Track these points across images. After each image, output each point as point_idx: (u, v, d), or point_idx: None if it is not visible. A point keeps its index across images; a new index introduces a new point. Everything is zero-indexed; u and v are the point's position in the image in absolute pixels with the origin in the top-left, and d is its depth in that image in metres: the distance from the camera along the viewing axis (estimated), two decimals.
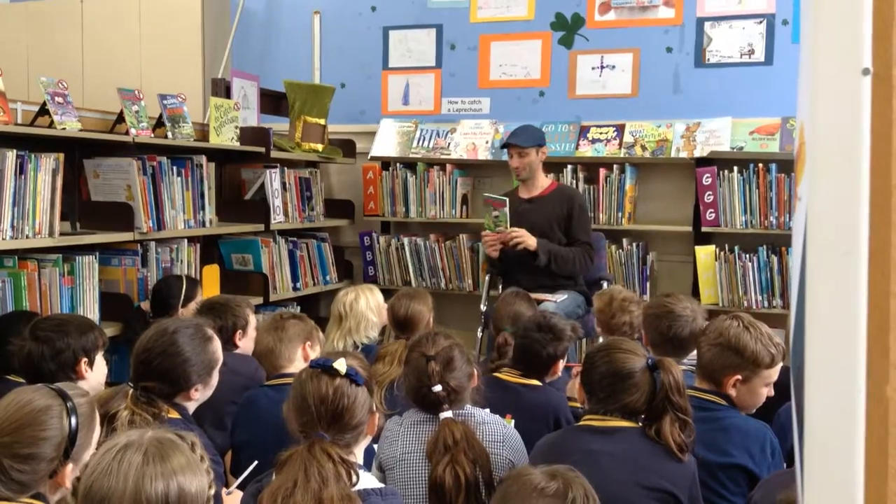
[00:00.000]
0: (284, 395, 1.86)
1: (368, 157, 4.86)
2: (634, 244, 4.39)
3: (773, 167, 4.07)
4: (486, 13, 4.80)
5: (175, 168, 3.65)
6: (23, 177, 2.86)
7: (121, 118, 3.49)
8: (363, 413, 1.77)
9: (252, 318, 3.01)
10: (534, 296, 3.57)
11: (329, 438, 1.69)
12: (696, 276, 4.19)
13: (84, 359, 2.35)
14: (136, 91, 3.55)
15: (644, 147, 4.37)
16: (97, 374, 2.40)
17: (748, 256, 4.11)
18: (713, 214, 4.17)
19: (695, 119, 4.34)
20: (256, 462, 2.13)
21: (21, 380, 2.37)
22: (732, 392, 2.24)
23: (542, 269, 3.88)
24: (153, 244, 3.56)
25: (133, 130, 3.45)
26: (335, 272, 4.88)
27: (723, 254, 4.15)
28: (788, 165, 4.04)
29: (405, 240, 4.73)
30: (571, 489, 1.48)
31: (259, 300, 4.05)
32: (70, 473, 1.64)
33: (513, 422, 2.33)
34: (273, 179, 4.32)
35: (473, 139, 4.71)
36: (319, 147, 4.72)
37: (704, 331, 2.37)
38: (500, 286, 4.09)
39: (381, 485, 1.81)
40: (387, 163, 4.85)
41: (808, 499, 0.82)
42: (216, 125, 3.96)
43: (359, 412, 1.75)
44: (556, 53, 4.69)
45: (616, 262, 4.36)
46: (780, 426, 2.30)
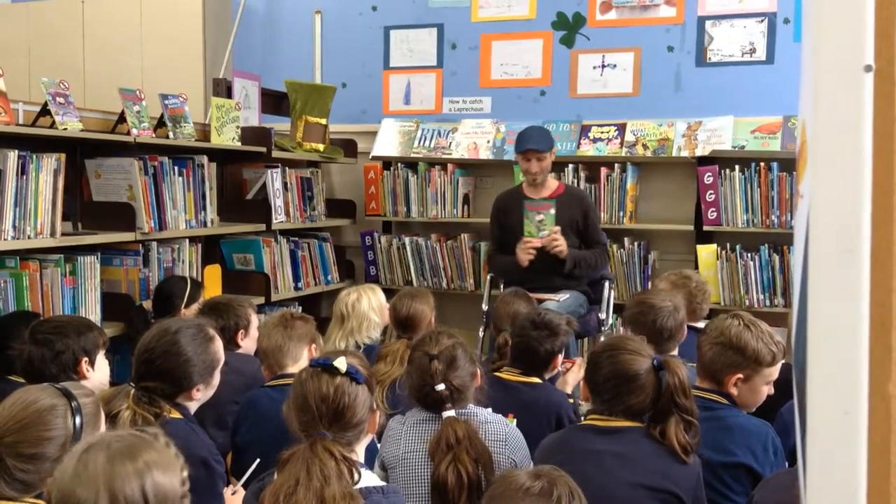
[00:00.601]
0: (286, 395, 1.86)
1: (370, 157, 4.86)
2: (636, 243, 4.38)
3: (775, 166, 4.06)
4: (487, 12, 4.80)
5: (176, 168, 3.65)
6: (24, 177, 2.86)
7: (122, 118, 3.49)
8: (364, 411, 1.77)
9: (254, 319, 3.01)
10: (536, 296, 3.56)
11: (330, 437, 1.69)
12: None
13: (85, 359, 2.35)
14: (138, 91, 3.55)
15: (645, 146, 4.37)
16: (99, 374, 2.40)
17: (750, 255, 4.11)
18: (715, 213, 4.17)
19: (696, 118, 4.33)
20: (259, 461, 2.13)
21: (23, 380, 2.36)
22: (734, 391, 2.24)
23: (544, 270, 3.86)
24: (155, 244, 3.56)
25: (134, 130, 3.45)
26: (336, 272, 4.88)
27: (724, 253, 4.15)
28: (790, 164, 4.04)
29: (406, 239, 4.73)
30: (556, 487, 1.48)
31: (260, 300, 4.05)
32: None
33: (515, 421, 2.33)
34: (274, 179, 4.32)
35: (475, 139, 4.71)
36: (321, 147, 4.72)
37: (704, 330, 2.37)
38: (502, 286, 4.08)
39: (383, 483, 1.82)
40: (388, 162, 4.85)
41: (811, 496, 0.82)
42: (217, 125, 3.96)
43: (360, 410, 1.75)
44: (558, 53, 4.68)
45: (617, 262, 4.36)
46: (783, 424, 2.30)
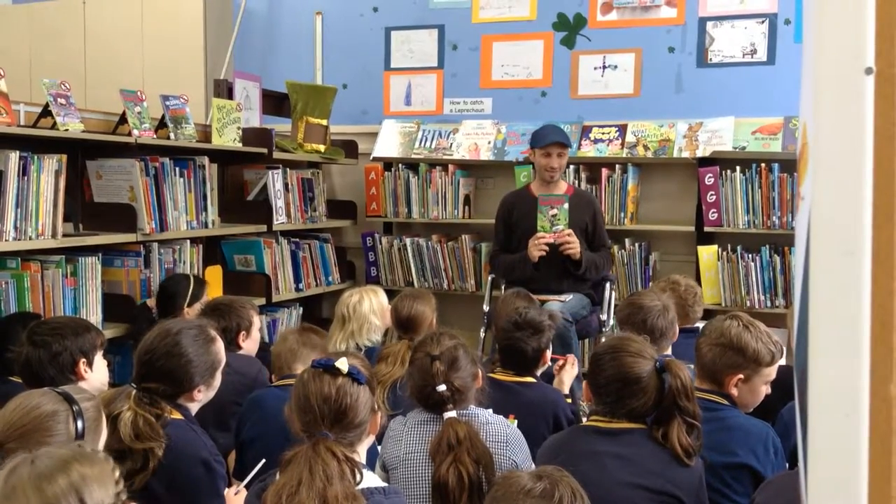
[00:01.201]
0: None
1: (371, 158, 4.86)
2: (637, 244, 4.38)
3: (776, 167, 4.06)
4: (488, 13, 4.80)
5: (177, 169, 3.65)
6: (26, 178, 2.87)
7: (123, 119, 3.50)
8: (366, 412, 1.77)
9: (256, 320, 3.01)
10: (540, 297, 3.55)
11: (332, 437, 1.69)
12: (699, 276, 4.18)
13: (83, 359, 2.35)
14: (139, 92, 3.55)
15: (646, 147, 4.37)
16: (98, 374, 2.40)
17: (751, 256, 4.11)
18: (715, 214, 4.17)
19: (697, 119, 4.33)
20: (264, 461, 2.13)
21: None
22: (734, 391, 2.24)
23: (551, 272, 3.85)
24: (156, 245, 3.56)
25: (135, 131, 3.45)
26: (337, 273, 4.88)
27: (725, 253, 4.15)
28: (791, 165, 4.03)
29: (407, 240, 4.73)
30: (558, 489, 1.47)
31: (261, 301, 4.06)
32: None
33: (516, 422, 2.33)
34: (275, 180, 4.32)
35: (475, 139, 4.71)
36: (321, 148, 4.72)
37: (703, 331, 2.37)
38: (503, 287, 4.08)
39: (385, 483, 1.82)
40: (389, 163, 4.85)
41: (812, 499, 0.82)
42: (218, 126, 3.96)
43: (361, 411, 1.75)
44: (558, 53, 4.68)
45: (619, 262, 4.36)
46: (784, 425, 2.30)
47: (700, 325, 2.92)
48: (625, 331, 2.74)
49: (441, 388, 2.09)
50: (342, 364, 1.75)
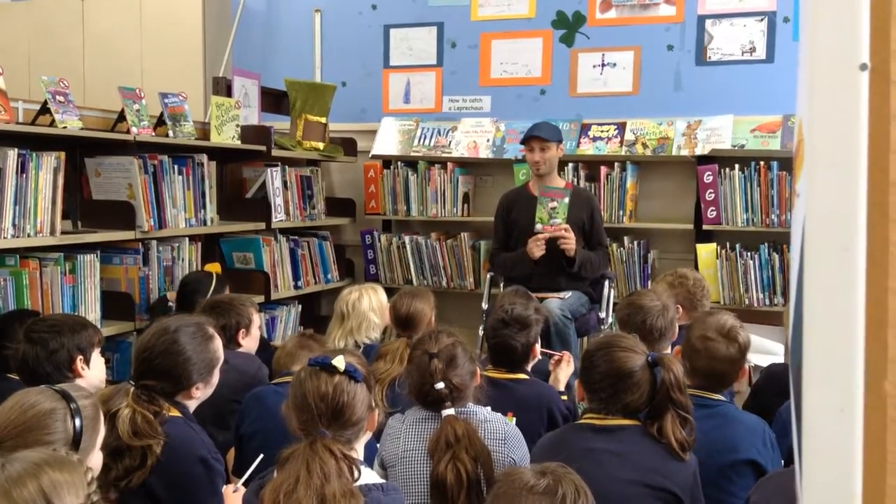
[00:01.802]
0: None
1: (369, 156, 4.86)
2: (635, 242, 4.38)
3: (775, 165, 4.06)
4: (487, 11, 4.80)
5: (176, 167, 3.65)
6: (24, 175, 2.87)
7: (122, 117, 3.49)
8: (363, 409, 1.77)
9: (256, 318, 3.01)
10: (539, 295, 3.55)
11: (330, 435, 1.70)
12: None
13: (79, 357, 2.35)
14: (137, 90, 3.55)
15: (645, 145, 4.37)
16: (95, 372, 2.40)
17: (749, 254, 4.11)
18: (714, 212, 4.17)
19: (696, 117, 4.33)
20: (262, 456, 2.13)
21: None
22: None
23: (550, 270, 3.85)
24: (154, 243, 3.56)
25: (134, 129, 3.45)
26: (336, 271, 4.88)
27: (724, 252, 4.15)
28: (790, 163, 4.03)
29: (406, 238, 4.73)
30: (561, 485, 1.47)
31: (260, 299, 4.05)
32: None
33: (514, 420, 2.33)
34: (274, 178, 4.32)
35: (474, 137, 4.71)
36: (320, 145, 4.72)
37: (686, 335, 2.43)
38: (502, 284, 4.08)
39: (383, 480, 1.82)
40: (388, 161, 4.85)
41: (808, 495, 0.82)
42: (217, 124, 3.96)
43: (358, 408, 1.75)
44: (557, 51, 4.68)
45: (617, 260, 4.36)
46: (782, 424, 2.30)
47: None
48: (624, 331, 2.76)
49: (439, 386, 2.09)
50: (339, 362, 1.75)
